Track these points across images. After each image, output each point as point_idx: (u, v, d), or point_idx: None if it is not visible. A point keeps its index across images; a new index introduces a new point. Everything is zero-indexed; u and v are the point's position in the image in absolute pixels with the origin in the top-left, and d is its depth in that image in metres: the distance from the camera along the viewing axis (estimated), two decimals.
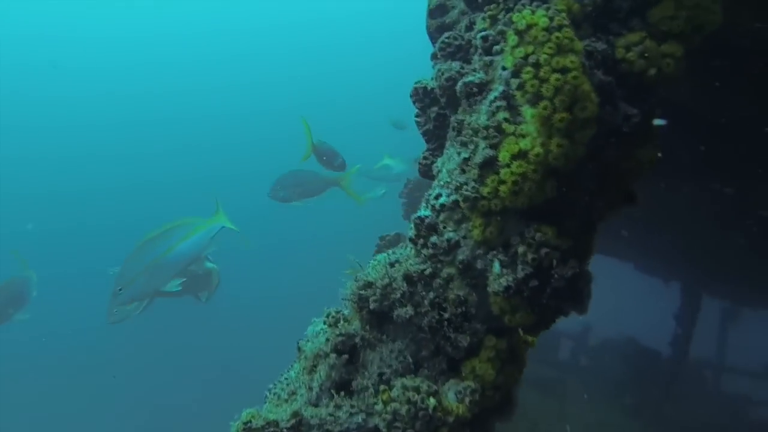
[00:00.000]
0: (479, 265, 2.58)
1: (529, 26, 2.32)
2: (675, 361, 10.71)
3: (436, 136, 3.04)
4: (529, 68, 2.31)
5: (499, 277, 2.49)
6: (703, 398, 11.09)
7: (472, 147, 2.52)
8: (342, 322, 2.76)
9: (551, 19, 2.30)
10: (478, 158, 2.46)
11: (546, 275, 2.47)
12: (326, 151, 7.95)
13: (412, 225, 2.70)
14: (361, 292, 2.64)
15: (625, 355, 11.32)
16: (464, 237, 2.60)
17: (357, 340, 2.69)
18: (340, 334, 2.67)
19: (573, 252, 2.53)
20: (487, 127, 2.47)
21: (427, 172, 3.09)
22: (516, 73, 2.36)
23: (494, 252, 2.54)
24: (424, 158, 3.11)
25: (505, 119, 2.47)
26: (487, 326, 2.65)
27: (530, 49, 2.31)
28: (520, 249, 2.46)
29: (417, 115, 3.09)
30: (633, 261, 11.49)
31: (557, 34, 2.27)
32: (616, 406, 10.39)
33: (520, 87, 2.35)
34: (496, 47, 2.64)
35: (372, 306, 2.63)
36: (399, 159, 10.64)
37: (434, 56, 3.00)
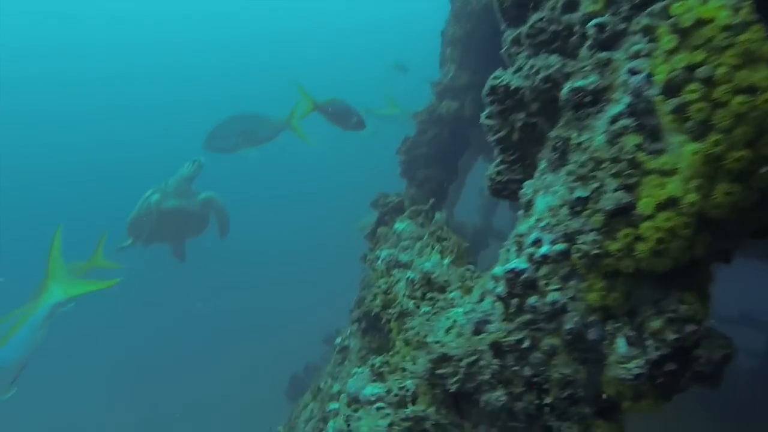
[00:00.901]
0: (592, 335, 1.89)
1: (701, 22, 1.56)
2: None
3: (516, 147, 2.28)
4: (695, 85, 1.56)
5: (626, 360, 1.80)
6: None
7: (595, 184, 1.78)
8: (407, 396, 2.07)
9: (735, 11, 1.54)
10: (606, 203, 1.73)
11: (687, 357, 1.79)
12: (336, 109, 6.95)
13: (503, 279, 1.98)
14: (437, 369, 1.93)
15: None
16: (572, 299, 1.90)
17: (428, 425, 2.01)
18: (407, 419, 1.98)
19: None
20: (616, 159, 1.74)
21: (500, 191, 2.35)
22: (671, 90, 1.61)
23: (616, 323, 1.84)
24: (498, 173, 2.35)
25: (637, 146, 1.74)
26: (596, 408, 1.98)
27: (700, 56, 1.56)
28: (655, 324, 1.77)
29: (489, 116, 2.32)
30: None
31: (745, 36, 1.52)
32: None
33: (678, 111, 1.60)
34: (629, 40, 1.86)
35: (452, 387, 1.93)
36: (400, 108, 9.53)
37: (515, 42, 2.21)
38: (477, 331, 1.99)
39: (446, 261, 4.53)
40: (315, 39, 38.74)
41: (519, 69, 2.13)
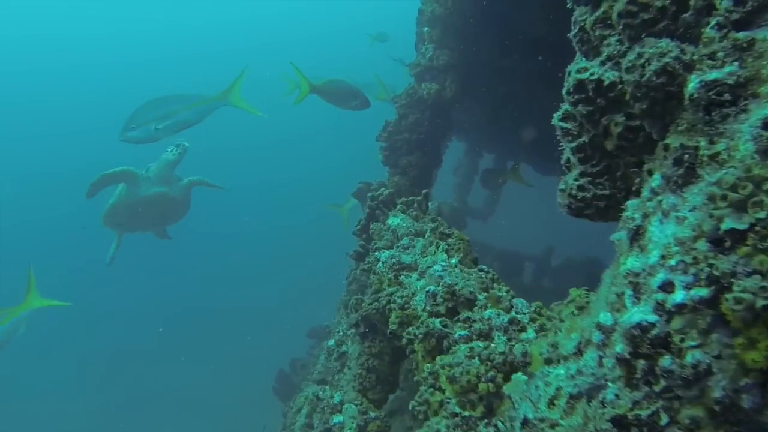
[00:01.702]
0: (747, 403, 1.42)
1: None
2: None
3: (602, 156, 1.78)
4: None
5: None
6: None
7: (761, 213, 1.29)
8: None
9: None
10: None
11: None
12: (337, 89, 6.25)
13: (623, 336, 1.48)
14: None
15: (590, 275, 10.64)
16: (718, 357, 1.42)
17: None
18: None
19: None
20: None
21: (582, 209, 1.85)
22: None
23: None
24: (580, 188, 1.84)
25: None
26: None
27: None
28: None
29: (565, 118, 1.81)
30: None
31: None
32: None
33: None
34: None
35: None
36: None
37: (600, 23, 1.70)
38: (589, 400, 1.50)
39: (454, 261, 4.06)
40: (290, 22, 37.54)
41: (609, 58, 1.63)
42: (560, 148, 1.93)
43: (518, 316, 2.86)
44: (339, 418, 4.74)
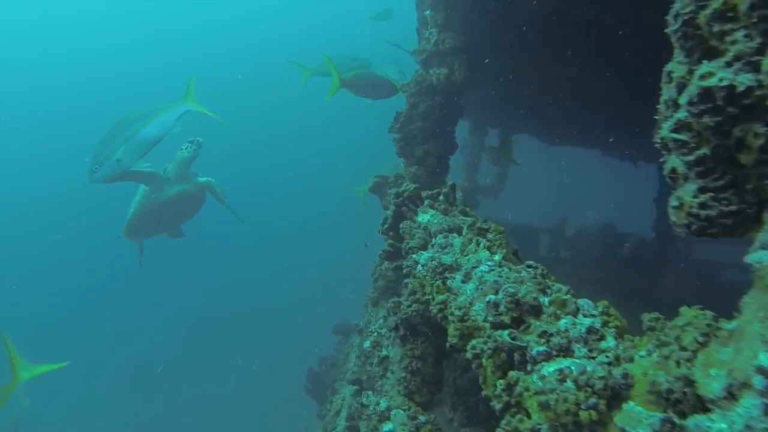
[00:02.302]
0: None
1: None
2: (658, 244, 9.98)
3: (725, 169, 1.53)
4: None
5: None
6: (680, 271, 10.48)
7: None
8: None
9: None
10: None
11: None
12: (367, 80, 6.07)
13: None
14: None
15: (605, 242, 10.49)
16: None
17: None
18: None
19: None
20: None
21: (706, 229, 1.60)
22: None
23: None
24: (702, 206, 1.57)
25: None
26: None
27: None
28: None
29: (676, 128, 1.56)
30: (599, 147, 10.44)
31: None
32: (602, 292, 9.68)
33: None
34: None
35: None
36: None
37: (719, 17, 1.45)
38: None
39: (497, 257, 3.85)
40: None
41: (737, 58, 1.39)
42: (662, 160, 1.70)
43: (591, 321, 2.65)
44: (389, 426, 4.57)
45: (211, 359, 16.77)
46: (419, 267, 4.18)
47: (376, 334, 5.86)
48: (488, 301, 3.06)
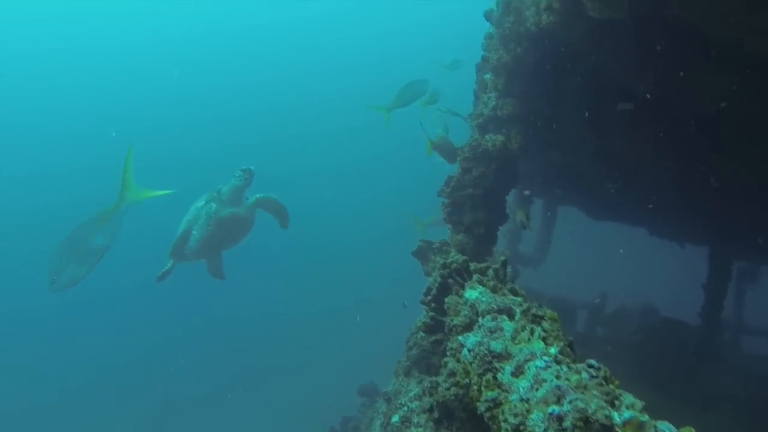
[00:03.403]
0: None
1: None
2: (704, 331, 9.27)
3: None
4: None
5: None
6: (727, 363, 9.72)
7: None
8: None
9: None
10: None
11: None
12: (450, 146, 6.11)
13: None
14: None
15: (647, 325, 9.82)
16: None
17: None
18: None
19: None
20: None
21: None
22: None
23: None
24: None
25: None
26: None
27: None
28: None
29: None
30: (646, 225, 9.88)
31: None
32: (640, 377, 8.97)
33: None
34: None
35: None
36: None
37: None
38: None
39: (553, 350, 3.38)
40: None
41: None
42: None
43: None
44: None
45: (229, 400, 16.26)
46: (465, 351, 3.72)
47: (406, 408, 5.35)
48: (551, 413, 2.58)
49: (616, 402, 2.72)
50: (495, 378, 3.26)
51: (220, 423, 15.31)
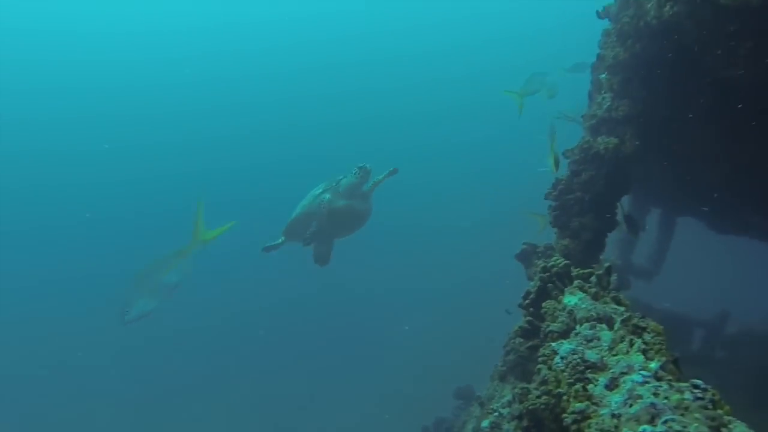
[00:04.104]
0: None
1: None
2: None
3: None
4: None
5: None
6: None
7: None
8: None
9: None
10: None
11: None
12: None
13: None
14: None
15: None
16: None
17: None
18: None
19: None
20: None
21: None
22: None
23: None
24: None
25: None
26: None
27: None
28: None
29: None
30: None
31: None
32: (760, 408, 8.09)
33: None
34: None
35: None
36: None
37: None
38: None
39: (653, 365, 3.08)
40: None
41: None
42: None
43: None
44: None
45: (326, 397, 16.51)
46: (557, 358, 3.49)
47: (497, 414, 5.15)
48: None
49: (723, 430, 2.43)
50: (585, 389, 3.02)
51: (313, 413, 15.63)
